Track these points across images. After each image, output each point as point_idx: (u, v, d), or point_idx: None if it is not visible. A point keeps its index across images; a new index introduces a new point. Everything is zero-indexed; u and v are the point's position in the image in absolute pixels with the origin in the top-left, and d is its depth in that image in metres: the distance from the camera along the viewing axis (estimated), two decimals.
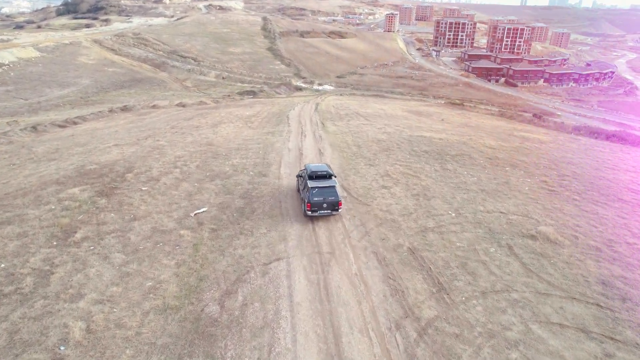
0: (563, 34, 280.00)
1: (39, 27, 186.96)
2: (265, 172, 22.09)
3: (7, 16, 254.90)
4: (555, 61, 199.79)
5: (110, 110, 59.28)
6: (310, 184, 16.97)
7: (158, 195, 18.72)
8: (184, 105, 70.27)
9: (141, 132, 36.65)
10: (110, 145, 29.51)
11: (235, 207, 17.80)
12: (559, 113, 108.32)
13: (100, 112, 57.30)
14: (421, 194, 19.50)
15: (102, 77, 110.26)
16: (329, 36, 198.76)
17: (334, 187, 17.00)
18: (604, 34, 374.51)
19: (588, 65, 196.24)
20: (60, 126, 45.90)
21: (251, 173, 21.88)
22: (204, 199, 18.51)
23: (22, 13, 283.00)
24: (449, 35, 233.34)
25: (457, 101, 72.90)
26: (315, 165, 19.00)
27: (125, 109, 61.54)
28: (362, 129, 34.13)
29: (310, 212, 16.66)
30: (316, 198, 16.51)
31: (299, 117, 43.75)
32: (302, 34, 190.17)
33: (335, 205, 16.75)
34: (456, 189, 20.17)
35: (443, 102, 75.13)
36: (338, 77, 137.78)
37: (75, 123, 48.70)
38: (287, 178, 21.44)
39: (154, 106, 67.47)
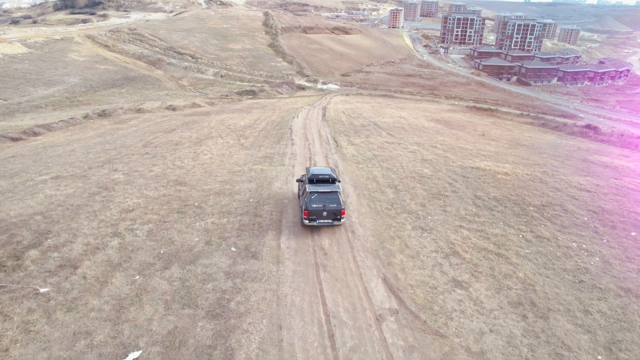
0: (572, 30, 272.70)
1: (35, 22, 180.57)
2: (257, 249, 13.47)
3: (5, 11, 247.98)
4: (568, 59, 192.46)
5: (85, 117, 50.97)
6: (310, 188, 14.70)
7: (60, 309, 10.29)
8: (174, 109, 62.17)
9: (103, 152, 28.41)
10: (47, 177, 21.28)
11: (195, 347, 9.28)
12: (582, 115, 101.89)
13: (72, 118, 48.97)
14: (525, 302, 11.09)
15: (93, 75, 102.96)
16: (332, 32, 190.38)
17: (336, 192, 14.70)
18: (610, 31, 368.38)
19: (601, 62, 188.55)
20: (13, 139, 37.56)
21: (233, 249, 13.26)
22: (142, 322, 10.03)
23: (20, 8, 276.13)
24: (457, 31, 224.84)
25: (483, 105, 64.47)
26: (318, 168, 16.96)
27: (103, 114, 53.25)
28: (391, 152, 25.71)
29: (307, 221, 14.36)
30: (315, 205, 14.15)
31: (305, 129, 35.52)
32: (305, 30, 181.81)
33: (337, 214, 14.38)
34: (579, 288, 11.77)
35: (465, 105, 66.68)
36: (343, 75, 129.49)
37: (35, 134, 40.42)
38: (292, 259, 13.08)
39: (139, 110, 59.33)
